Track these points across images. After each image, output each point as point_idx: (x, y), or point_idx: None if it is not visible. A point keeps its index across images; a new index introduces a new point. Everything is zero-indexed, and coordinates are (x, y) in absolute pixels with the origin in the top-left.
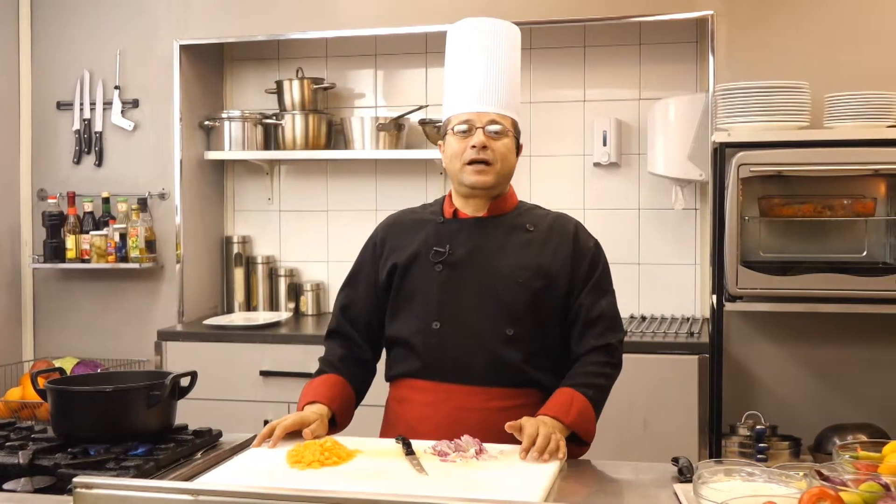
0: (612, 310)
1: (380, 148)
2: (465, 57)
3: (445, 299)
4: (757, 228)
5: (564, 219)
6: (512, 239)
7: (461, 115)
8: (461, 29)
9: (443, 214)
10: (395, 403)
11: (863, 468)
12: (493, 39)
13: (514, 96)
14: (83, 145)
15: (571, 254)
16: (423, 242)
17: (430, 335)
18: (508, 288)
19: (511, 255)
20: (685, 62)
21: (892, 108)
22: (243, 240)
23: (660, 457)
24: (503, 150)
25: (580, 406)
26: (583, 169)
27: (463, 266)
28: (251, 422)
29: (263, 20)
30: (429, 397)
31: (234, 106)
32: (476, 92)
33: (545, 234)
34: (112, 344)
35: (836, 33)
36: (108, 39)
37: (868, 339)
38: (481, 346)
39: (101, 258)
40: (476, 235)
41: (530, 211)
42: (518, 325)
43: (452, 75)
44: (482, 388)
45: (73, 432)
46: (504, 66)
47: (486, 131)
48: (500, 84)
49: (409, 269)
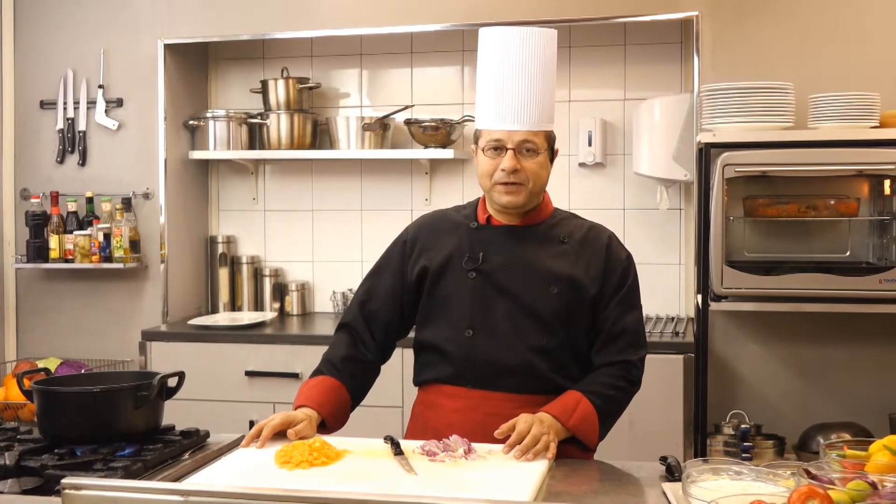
0: (638, 326)
1: (365, 148)
2: (497, 68)
3: (478, 307)
4: (741, 228)
5: (599, 229)
6: (545, 249)
7: (492, 133)
8: (494, 35)
9: (476, 220)
10: (425, 409)
11: (850, 467)
12: (524, 49)
13: (547, 109)
14: (67, 144)
15: (604, 265)
16: (456, 247)
17: (462, 343)
18: (541, 298)
19: (544, 266)
20: (670, 63)
21: (875, 109)
22: (228, 240)
23: (646, 456)
24: (535, 168)
25: (584, 411)
26: (568, 169)
27: (496, 274)
28: (237, 422)
29: (248, 19)
30: (459, 404)
31: (218, 105)
32: (506, 109)
33: (579, 246)
34: (96, 344)
35: (821, 34)
36: (91, 38)
37: (851, 338)
38: (513, 354)
39: (84, 258)
40: (510, 244)
41: (565, 220)
42: (550, 335)
43: (484, 86)
44: (512, 394)
45: (60, 433)
46: (537, 78)
47: (517, 152)
48: (532, 100)
49: (442, 273)
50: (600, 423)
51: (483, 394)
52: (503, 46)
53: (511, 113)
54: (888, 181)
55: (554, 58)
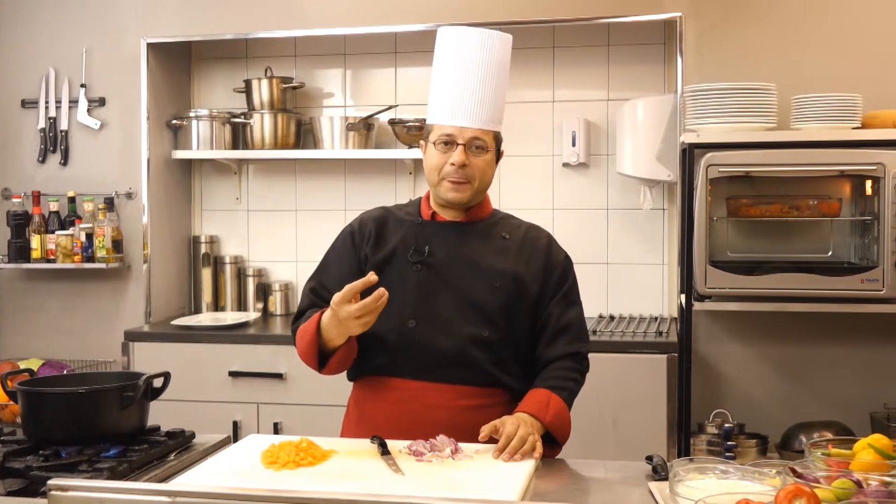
0: (581, 321)
1: (349, 148)
2: (452, 65)
3: (423, 299)
4: (725, 228)
5: (537, 230)
6: (488, 245)
7: (444, 128)
8: (453, 34)
9: (420, 216)
10: (361, 402)
11: (835, 465)
12: (482, 50)
13: (498, 110)
14: (48, 144)
15: (543, 265)
16: (401, 241)
17: (404, 333)
18: (485, 291)
19: (487, 261)
20: (653, 63)
21: (857, 110)
22: (211, 239)
23: (629, 455)
24: (482, 166)
25: (557, 407)
26: (552, 169)
27: (441, 267)
28: (220, 423)
29: (231, 19)
30: (397, 395)
31: (201, 105)
32: (461, 106)
33: (519, 243)
34: (78, 345)
35: (803, 36)
36: (74, 37)
37: (833, 338)
38: (452, 343)
39: (66, 258)
40: (454, 239)
41: (505, 220)
42: (492, 327)
43: (439, 82)
44: (451, 385)
45: (45, 434)
46: (492, 80)
47: (467, 148)
48: (484, 99)
49: (386, 266)
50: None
51: (421, 385)
52: (461, 46)
53: (464, 110)
54: (870, 181)
55: (508, 62)
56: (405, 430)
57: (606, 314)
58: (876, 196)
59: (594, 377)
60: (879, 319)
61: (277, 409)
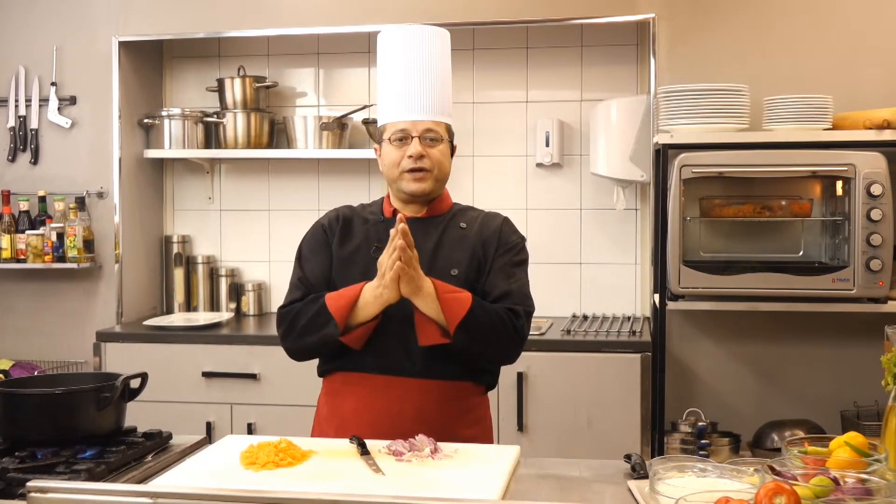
0: (523, 289)
1: (323, 147)
2: (397, 65)
3: None
4: (698, 229)
5: (494, 216)
6: (448, 237)
7: (397, 124)
8: (390, 36)
9: (383, 214)
10: (330, 398)
11: (812, 463)
12: (424, 46)
13: (447, 102)
14: (18, 143)
15: (497, 242)
16: (364, 238)
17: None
18: (444, 281)
19: (446, 251)
20: (626, 64)
21: (828, 111)
22: (183, 239)
23: (604, 454)
24: (439, 157)
25: (461, 297)
26: (525, 169)
27: None
28: (194, 423)
29: (204, 17)
30: (365, 390)
31: (174, 104)
32: (410, 101)
33: (477, 229)
34: (49, 346)
35: (774, 37)
36: (44, 34)
37: (804, 336)
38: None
39: (37, 258)
40: (415, 235)
41: (463, 211)
42: None
43: (386, 83)
44: (418, 379)
45: (21, 435)
46: (436, 73)
47: (422, 140)
48: (433, 92)
49: (350, 263)
50: (468, 315)
51: (387, 379)
52: (402, 45)
53: (415, 103)
54: (840, 182)
55: (449, 56)
56: (373, 424)
57: (580, 314)
58: (847, 196)
59: (569, 376)
60: (850, 319)
61: (251, 409)
